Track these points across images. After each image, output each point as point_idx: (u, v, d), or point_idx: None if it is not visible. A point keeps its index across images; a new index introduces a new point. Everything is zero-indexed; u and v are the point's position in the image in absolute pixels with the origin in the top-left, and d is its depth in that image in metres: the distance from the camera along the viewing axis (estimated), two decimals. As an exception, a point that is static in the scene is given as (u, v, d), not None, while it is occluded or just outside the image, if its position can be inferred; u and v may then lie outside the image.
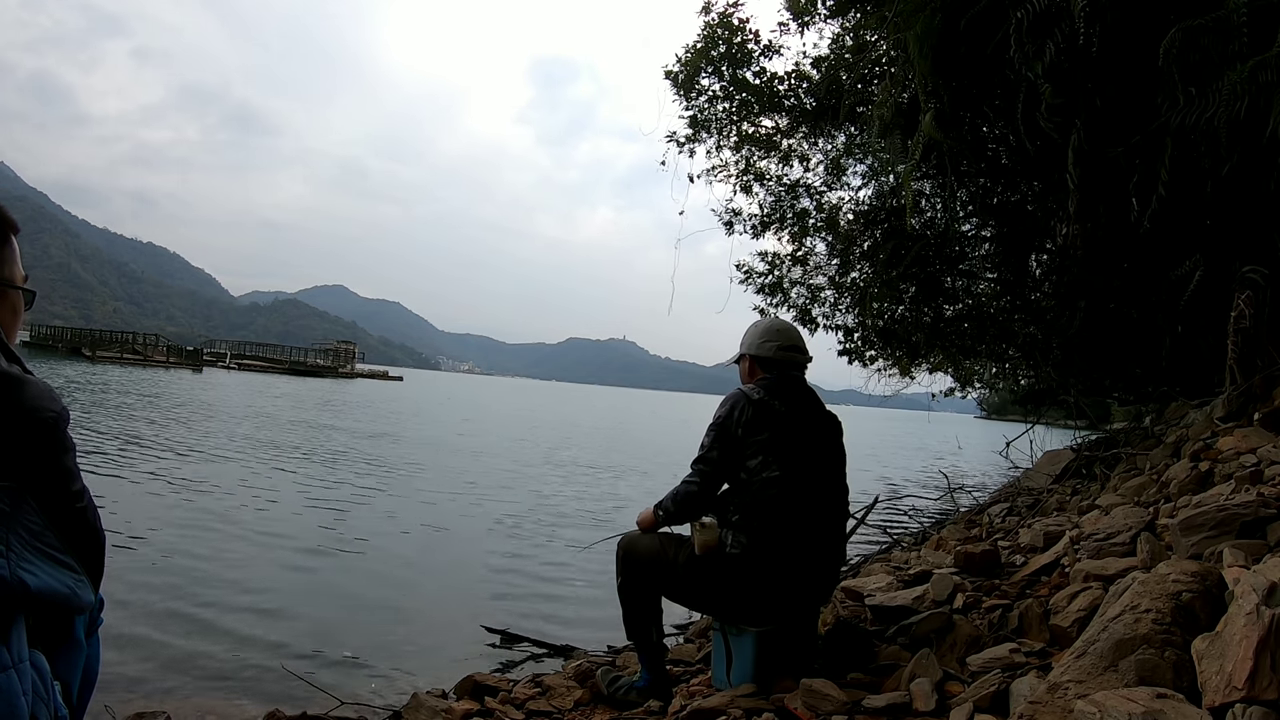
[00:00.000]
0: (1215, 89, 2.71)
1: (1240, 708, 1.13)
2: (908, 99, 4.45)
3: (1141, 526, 2.51)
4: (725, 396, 2.33)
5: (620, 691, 2.47)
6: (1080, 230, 4.18)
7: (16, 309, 1.05)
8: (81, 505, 0.96)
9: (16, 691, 0.80)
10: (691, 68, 7.04)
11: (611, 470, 12.33)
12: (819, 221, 7.75)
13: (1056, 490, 4.89)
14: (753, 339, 2.44)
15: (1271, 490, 2.19)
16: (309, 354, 56.46)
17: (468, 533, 6.43)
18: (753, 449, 2.21)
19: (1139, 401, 7.03)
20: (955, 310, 7.51)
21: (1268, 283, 3.28)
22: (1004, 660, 1.92)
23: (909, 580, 2.91)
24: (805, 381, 2.42)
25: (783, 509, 2.18)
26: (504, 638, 3.71)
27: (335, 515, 6.59)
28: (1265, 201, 3.16)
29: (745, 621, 2.25)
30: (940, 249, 6.81)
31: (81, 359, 38.09)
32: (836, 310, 8.21)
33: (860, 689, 2.04)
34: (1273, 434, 2.85)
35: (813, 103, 6.69)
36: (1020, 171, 5.52)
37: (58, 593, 0.87)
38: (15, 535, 0.84)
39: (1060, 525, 3.15)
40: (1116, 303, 5.33)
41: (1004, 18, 3.27)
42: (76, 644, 0.98)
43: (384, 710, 2.72)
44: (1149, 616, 1.46)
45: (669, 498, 2.34)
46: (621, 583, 2.38)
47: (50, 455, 0.91)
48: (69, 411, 0.95)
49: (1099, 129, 3.46)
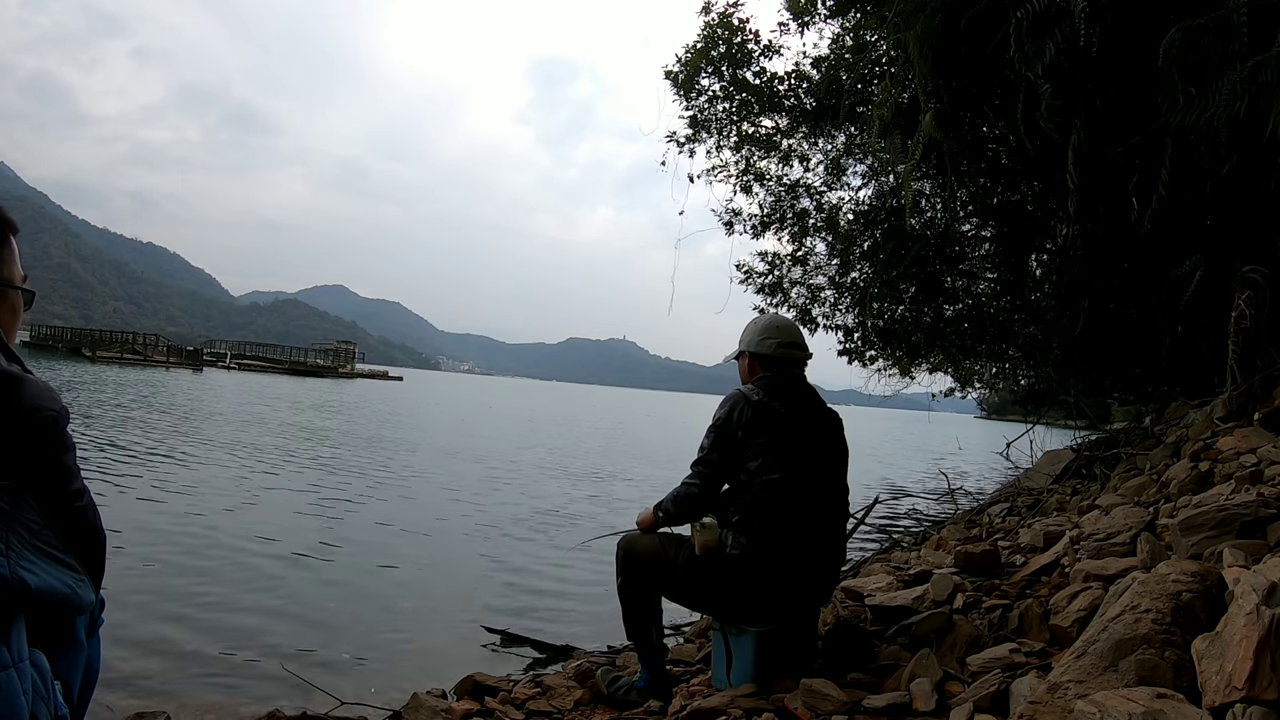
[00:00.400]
0: (1215, 89, 2.72)
1: (1240, 708, 1.13)
2: (908, 99, 4.45)
3: (1141, 526, 2.51)
4: (725, 397, 2.32)
5: (620, 691, 2.47)
6: (1080, 230, 4.18)
7: (16, 309, 1.05)
8: (81, 504, 0.96)
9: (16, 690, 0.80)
10: (691, 68, 7.05)
11: (611, 470, 12.33)
12: (819, 221, 7.75)
13: (1056, 490, 4.88)
14: (752, 336, 2.43)
15: (1271, 490, 2.19)
16: (309, 354, 56.47)
17: (467, 533, 6.42)
18: (752, 451, 2.20)
19: (1139, 401, 7.03)
20: (955, 310, 7.51)
21: (1268, 282, 3.28)
22: (1004, 660, 1.92)
23: (909, 580, 2.92)
24: (805, 379, 2.40)
25: (782, 512, 2.17)
26: (504, 638, 3.71)
27: (335, 515, 6.59)
28: (1265, 201, 3.16)
29: (745, 621, 2.24)
30: (940, 249, 6.81)
31: (81, 359, 38.09)
32: (836, 310, 8.21)
33: (860, 689, 2.04)
34: (1273, 434, 2.85)
35: (813, 103, 6.70)
36: (1020, 171, 5.52)
37: (58, 592, 0.87)
38: (15, 534, 0.84)
39: (1060, 525, 3.15)
40: (1116, 303, 5.33)
41: (1004, 18, 3.27)
42: (77, 643, 0.98)
43: (384, 710, 2.72)
44: (1149, 616, 1.46)
45: (669, 499, 2.33)
46: (621, 583, 2.38)
47: (50, 454, 0.91)
48: (69, 410, 0.95)
49: (1099, 129, 3.46)
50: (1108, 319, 5.51)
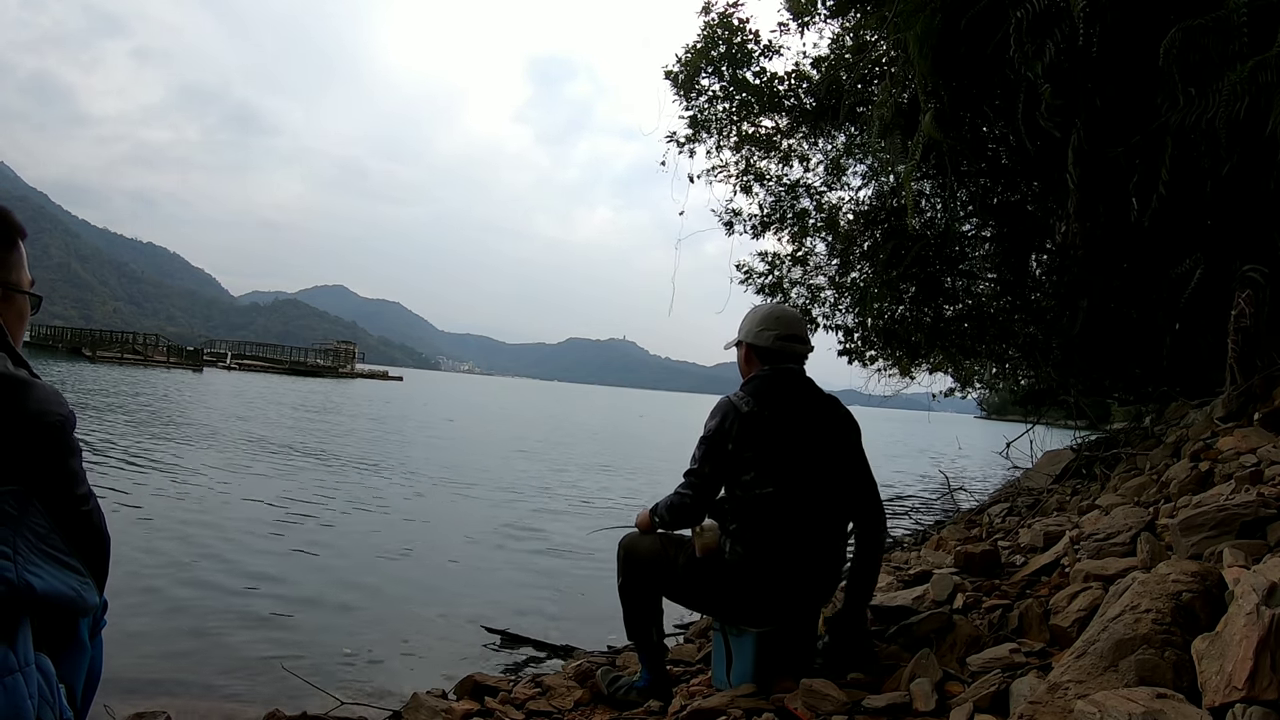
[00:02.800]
0: (1215, 89, 2.72)
1: (1240, 708, 1.13)
2: (908, 99, 4.45)
3: (1141, 526, 2.51)
4: (715, 405, 2.26)
5: (620, 691, 2.47)
6: (1080, 230, 4.18)
7: (23, 313, 1.05)
8: (87, 508, 0.96)
9: (23, 694, 0.81)
10: (691, 68, 7.05)
11: (611, 470, 12.33)
12: (819, 221, 7.76)
13: (1056, 490, 4.89)
14: (751, 326, 2.35)
15: (1271, 490, 2.19)
16: (309, 354, 56.48)
17: (468, 533, 6.42)
18: (743, 464, 2.16)
19: (1139, 401, 7.03)
20: (955, 310, 7.52)
21: (1268, 281, 3.28)
22: (1004, 660, 1.92)
23: (909, 580, 2.92)
24: (803, 374, 2.32)
25: (778, 524, 2.15)
26: (504, 638, 3.71)
27: (335, 516, 6.59)
28: (1265, 201, 3.16)
29: (745, 622, 2.24)
30: (940, 249, 6.81)
31: (82, 359, 38.09)
32: (836, 310, 8.22)
33: (860, 689, 2.04)
34: (1273, 434, 2.85)
35: (813, 103, 6.70)
36: (1020, 171, 5.53)
37: (63, 595, 0.88)
38: (22, 538, 0.84)
39: (1060, 525, 3.14)
40: (1116, 302, 5.33)
41: (1004, 18, 3.27)
42: (81, 646, 0.98)
43: (384, 710, 2.72)
44: (1149, 616, 1.46)
45: (664, 506, 2.30)
46: (622, 583, 2.38)
47: (57, 458, 0.91)
48: (75, 415, 0.95)
49: (1099, 129, 3.46)
50: (1108, 319, 5.51)
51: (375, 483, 8.64)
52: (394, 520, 6.67)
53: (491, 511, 7.43)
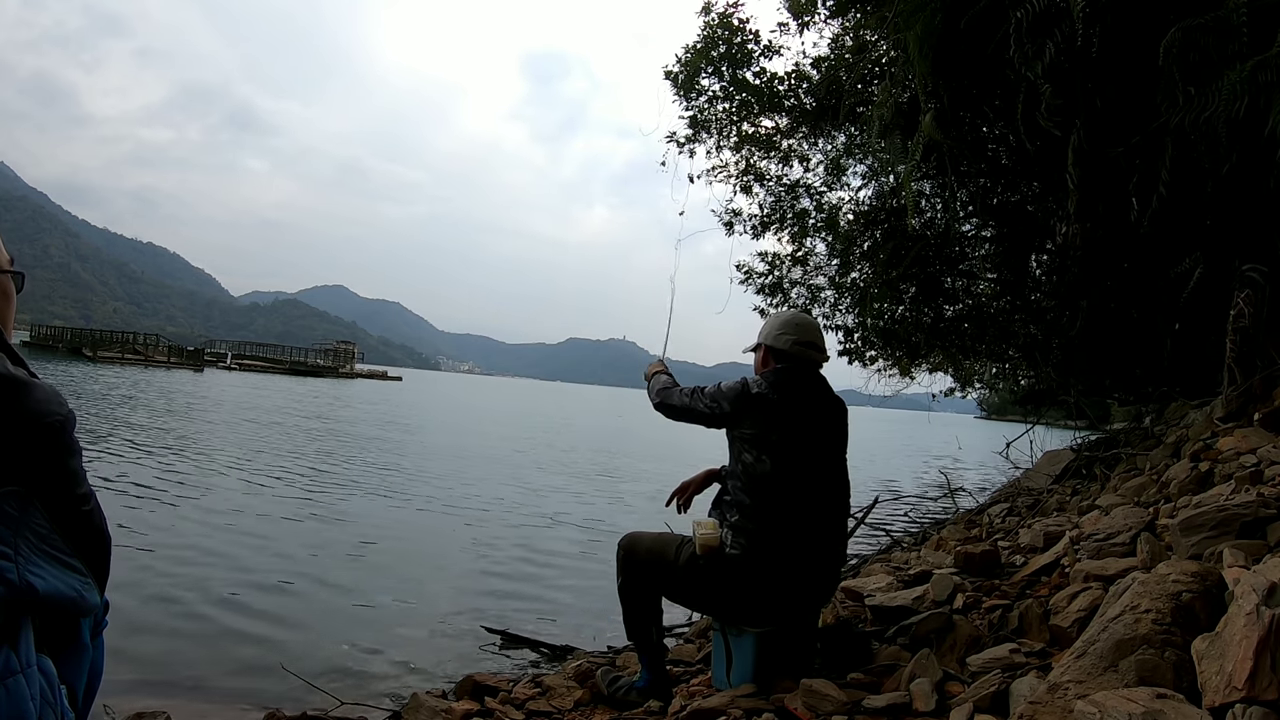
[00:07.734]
0: (1215, 89, 2.71)
1: (1240, 708, 1.13)
2: (908, 99, 4.45)
3: (1141, 527, 2.51)
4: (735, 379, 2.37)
5: (620, 691, 2.47)
6: (1080, 230, 4.18)
7: (9, 293, 1.03)
8: (88, 508, 0.96)
9: (25, 696, 0.80)
10: (691, 68, 7.04)
11: (610, 471, 12.33)
12: (819, 222, 7.75)
13: (1056, 490, 4.89)
14: (771, 329, 2.44)
15: (1271, 490, 2.19)
16: (309, 354, 56.45)
17: (467, 533, 6.42)
18: (743, 441, 2.24)
19: (1139, 401, 7.03)
20: (955, 310, 7.52)
21: (1267, 281, 3.29)
22: (1004, 660, 1.92)
23: (909, 580, 2.92)
24: (816, 374, 2.40)
25: (779, 506, 2.18)
26: (504, 638, 3.71)
27: (335, 516, 6.59)
28: (1265, 201, 3.16)
29: (745, 622, 2.25)
30: (940, 249, 6.82)
31: (82, 359, 38.07)
32: (836, 310, 8.22)
33: (860, 689, 2.04)
34: (1273, 434, 2.85)
35: (813, 103, 6.70)
36: (1020, 171, 5.53)
37: (65, 596, 0.87)
38: (23, 539, 0.84)
39: (1060, 525, 3.15)
40: (1116, 303, 5.33)
41: (1004, 18, 3.27)
42: (82, 647, 0.98)
43: (384, 710, 2.72)
44: (1149, 617, 1.46)
45: (664, 387, 2.48)
46: (622, 583, 2.38)
47: (57, 459, 0.91)
48: (75, 414, 0.94)
49: (1099, 129, 3.46)
50: (1108, 319, 5.51)
51: (376, 483, 8.64)
52: (394, 520, 6.67)
53: (491, 512, 7.43)
